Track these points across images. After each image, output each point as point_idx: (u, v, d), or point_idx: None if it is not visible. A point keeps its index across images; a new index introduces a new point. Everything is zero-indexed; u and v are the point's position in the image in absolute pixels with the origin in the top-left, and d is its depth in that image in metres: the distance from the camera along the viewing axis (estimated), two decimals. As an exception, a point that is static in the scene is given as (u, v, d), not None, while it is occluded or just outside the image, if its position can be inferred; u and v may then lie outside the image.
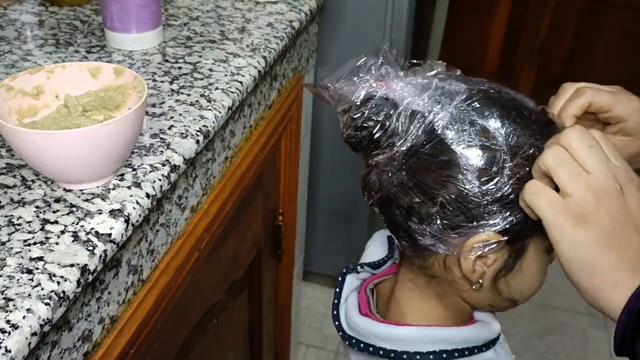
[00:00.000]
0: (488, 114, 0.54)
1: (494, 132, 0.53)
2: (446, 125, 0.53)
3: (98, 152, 0.53)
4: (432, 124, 0.54)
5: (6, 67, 0.78)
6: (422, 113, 0.54)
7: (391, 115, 0.55)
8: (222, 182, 0.82)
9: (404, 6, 1.33)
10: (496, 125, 0.53)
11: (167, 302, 0.71)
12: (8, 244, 0.51)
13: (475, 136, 0.53)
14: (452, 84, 0.56)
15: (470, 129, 0.53)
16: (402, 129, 0.55)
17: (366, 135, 0.57)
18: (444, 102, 0.55)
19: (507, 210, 0.52)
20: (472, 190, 0.52)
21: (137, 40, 0.84)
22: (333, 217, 1.66)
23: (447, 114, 0.54)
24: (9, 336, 0.43)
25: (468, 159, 0.52)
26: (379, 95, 0.56)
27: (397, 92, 0.56)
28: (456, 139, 0.53)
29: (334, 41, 1.40)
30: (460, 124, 0.53)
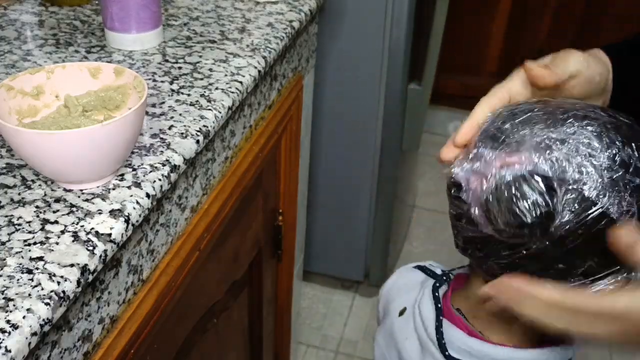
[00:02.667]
0: (633, 166, 0.50)
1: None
2: (602, 193, 0.49)
3: (98, 152, 0.53)
4: (585, 192, 0.49)
5: (6, 67, 0.78)
6: (569, 181, 0.49)
7: (552, 191, 0.49)
8: (222, 182, 0.82)
9: (404, 6, 1.33)
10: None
11: (167, 302, 0.71)
12: (8, 244, 0.51)
13: (632, 198, 0.49)
14: (573, 129, 0.51)
15: (624, 193, 0.49)
16: (560, 207, 0.49)
17: (537, 224, 0.50)
18: (585, 161, 0.49)
19: None
20: None
21: (137, 40, 0.84)
22: (333, 217, 1.66)
23: (597, 177, 0.49)
24: (9, 336, 0.43)
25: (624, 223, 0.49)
26: (525, 173, 0.50)
27: (531, 161, 0.50)
28: (614, 206, 0.49)
29: (334, 41, 1.40)
30: (614, 187, 0.49)
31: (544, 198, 0.49)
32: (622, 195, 0.49)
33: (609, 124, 0.51)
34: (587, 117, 0.52)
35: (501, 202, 0.51)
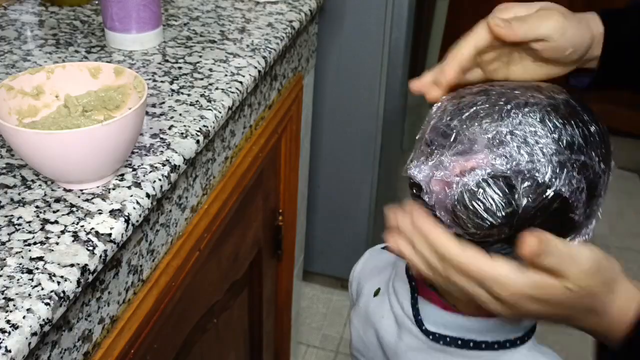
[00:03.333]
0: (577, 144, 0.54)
1: (592, 164, 0.54)
2: (553, 177, 0.52)
3: (98, 152, 0.53)
4: (538, 179, 0.52)
5: (6, 67, 0.78)
6: (524, 172, 0.52)
7: (512, 189, 0.52)
8: (222, 182, 0.82)
9: (404, 6, 1.33)
10: (590, 148, 0.54)
11: (167, 302, 0.71)
12: (8, 244, 0.51)
13: (580, 175, 0.53)
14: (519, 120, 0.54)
15: (573, 172, 0.53)
16: (519, 197, 0.52)
17: (508, 224, 0.53)
18: (538, 153, 0.53)
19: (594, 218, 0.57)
20: (579, 220, 0.55)
21: (137, 40, 0.84)
22: (333, 217, 1.66)
23: (546, 162, 0.52)
24: (9, 336, 0.43)
25: (579, 200, 0.53)
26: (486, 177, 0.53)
27: (488, 163, 0.53)
28: (566, 187, 0.52)
29: (334, 41, 1.40)
30: (563, 168, 0.53)
31: (507, 198, 0.52)
32: (571, 175, 0.53)
33: (549, 107, 0.55)
34: (527, 103, 0.55)
35: (468, 209, 0.53)
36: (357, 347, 0.78)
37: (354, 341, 0.78)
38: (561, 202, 0.53)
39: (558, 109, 0.55)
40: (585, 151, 0.54)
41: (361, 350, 0.77)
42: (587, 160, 0.54)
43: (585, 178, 0.53)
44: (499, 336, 0.63)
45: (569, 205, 0.53)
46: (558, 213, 0.53)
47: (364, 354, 0.77)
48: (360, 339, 0.76)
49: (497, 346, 0.63)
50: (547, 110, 0.54)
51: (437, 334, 0.65)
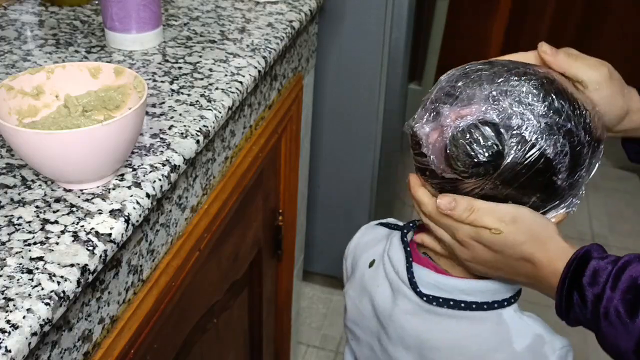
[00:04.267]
0: (565, 112, 0.59)
1: (577, 132, 0.59)
2: (540, 136, 0.57)
3: (98, 152, 0.53)
4: (526, 135, 0.57)
5: (6, 67, 0.78)
6: (514, 127, 0.58)
7: (500, 135, 0.58)
8: (222, 182, 0.82)
9: (404, 6, 1.33)
10: (577, 121, 0.59)
11: (167, 302, 0.71)
12: (8, 244, 0.51)
13: (565, 140, 0.58)
14: (516, 82, 0.59)
15: (559, 135, 0.58)
16: (507, 148, 0.58)
17: (492, 164, 0.58)
18: (525, 110, 0.58)
19: (579, 192, 0.63)
20: (562, 185, 0.60)
21: (137, 40, 0.84)
22: (333, 217, 1.66)
23: (535, 122, 0.57)
24: (9, 336, 0.43)
25: (562, 163, 0.58)
26: (477, 122, 0.58)
27: (487, 111, 0.59)
28: (551, 147, 0.58)
29: (334, 41, 1.40)
30: (550, 130, 0.58)
31: (493, 140, 0.57)
32: (556, 138, 0.58)
33: (545, 79, 0.60)
34: (526, 73, 0.60)
35: (458, 147, 0.58)
36: (352, 317, 0.81)
37: (349, 312, 0.81)
38: (545, 162, 0.58)
39: (553, 82, 0.60)
40: (572, 120, 0.58)
41: (356, 319, 0.80)
42: (573, 128, 0.58)
43: (569, 144, 0.58)
44: (488, 297, 0.68)
45: (552, 167, 0.58)
46: (542, 173, 0.58)
47: (358, 323, 0.80)
48: (356, 308, 0.79)
49: (486, 307, 0.68)
50: (543, 81, 0.60)
51: (430, 296, 0.69)
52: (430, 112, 0.62)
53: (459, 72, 0.63)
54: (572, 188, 0.62)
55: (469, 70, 0.63)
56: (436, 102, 0.62)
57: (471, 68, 0.63)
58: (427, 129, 0.62)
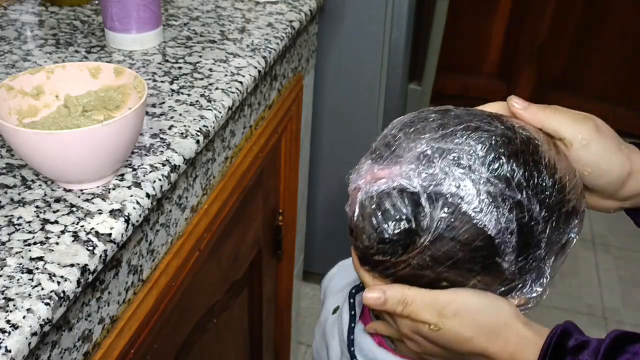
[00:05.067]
0: (516, 181, 0.48)
1: (529, 206, 0.48)
2: (478, 208, 0.47)
3: (98, 152, 0.53)
4: (461, 207, 0.47)
5: (6, 67, 0.78)
6: (446, 196, 0.48)
7: (419, 208, 0.48)
8: (222, 182, 0.82)
9: (404, 6, 1.33)
10: (532, 191, 0.48)
11: (167, 302, 0.71)
12: (8, 244, 0.51)
13: (511, 214, 0.48)
14: (460, 140, 0.49)
15: (503, 209, 0.47)
16: (429, 218, 0.48)
17: (401, 243, 0.49)
18: (464, 175, 0.48)
19: (541, 276, 0.52)
20: (510, 269, 0.49)
21: (137, 40, 0.84)
22: (333, 217, 1.66)
23: (474, 191, 0.47)
24: (9, 336, 0.43)
25: (506, 243, 0.48)
26: (390, 189, 0.49)
27: (409, 175, 0.49)
28: (492, 223, 0.47)
29: (334, 41, 1.40)
30: (493, 202, 0.47)
31: (406, 214, 0.48)
32: (500, 211, 0.47)
33: (501, 137, 0.49)
34: (479, 128, 0.50)
35: (365, 217, 0.50)
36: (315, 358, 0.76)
37: (313, 353, 0.77)
38: (485, 240, 0.47)
39: (511, 142, 0.49)
40: (524, 191, 0.48)
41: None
42: (524, 200, 0.48)
43: (517, 219, 0.47)
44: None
45: (494, 246, 0.48)
46: (481, 253, 0.48)
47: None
48: (317, 353, 0.74)
49: None
50: (496, 139, 0.49)
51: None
52: (365, 163, 0.54)
53: (409, 117, 0.54)
54: (525, 272, 0.50)
55: (416, 117, 0.53)
56: (374, 152, 0.53)
57: (420, 116, 0.53)
58: (353, 185, 0.53)
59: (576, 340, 0.47)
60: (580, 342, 0.47)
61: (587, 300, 1.78)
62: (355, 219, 0.51)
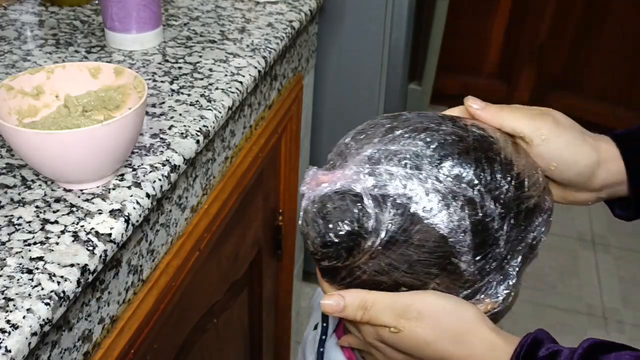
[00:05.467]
0: (467, 177, 0.47)
1: (482, 203, 0.47)
2: (428, 207, 0.46)
3: (98, 152, 0.53)
4: (410, 207, 0.46)
5: (6, 67, 0.78)
6: (393, 197, 0.46)
7: (362, 210, 0.47)
8: (222, 182, 0.82)
9: (404, 6, 1.33)
10: (485, 188, 0.47)
11: (167, 302, 0.71)
12: (8, 244, 0.51)
13: (463, 212, 0.46)
14: (408, 142, 0.48)
15: (455, 207, 0.46)
16: (378, 221, 0.46)
17: (344, 246, 0.47)
18: (412, 175, 0.46)
19: (507, 278, 0.50)
20: (469, 269, 0.48)
21: (137, 40, 0.84)
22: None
23: (422, 190, 0.46)
24: (9, 336, 0.43)
25: (460, 242, 0.46)
26: (332, 192, 0.48)
27: (352, 178, 0.48)
28: (444, 222, 0.46)
29: (334, 41, 1.40)
30: (442, 200, 0.46)
31: (348, 216, 0.47)
32: (451, 210, 0.46)
33: (450, 136, 0.48)
34: (428, 128, 0.48)
35: (308, 223, 0.49)
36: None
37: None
38: (438, 240, 0.46)
39: (462, 140, 0.48)
40: (475, 188, 0.46)
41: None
42: (477, 197, 0.46)
43: (470, 217, 0.46)
44: None
45: (448, 246, 0.46)
46: (437, 254, 0.46)
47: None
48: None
49: None
50: (446, 138, 0.48)
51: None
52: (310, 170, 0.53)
53: (362, 126, 0.53)
54: (487, 273, 0.48)
55: (369, 124, 0.52)
56: (328, 162, 0.53)
57: (372, 122, 0.52)
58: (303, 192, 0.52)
59: (548, 350, 0.45)
60: (552, 352, 0.45)
61: (587, 300, 1.78)
62: (300, 225, 0.50)
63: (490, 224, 0.47)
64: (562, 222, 2.00)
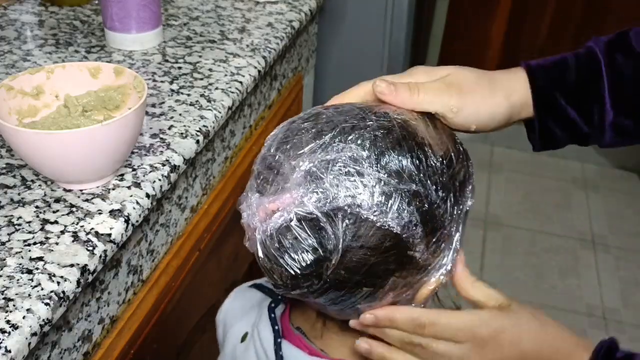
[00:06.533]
0: (407, 171, 0.47)
1: (426, 192, 0.48)
2: (378, 211, 0.46)
3: (98, 152, 0.53)
4: (361, 214, 0.46)
5: (6, 67, 0.78)
6: (344, 208, 0.46)
7: (321, 232, 0.46)
8: (222, 182, 0.82)
9: (404, 6, 1.33)
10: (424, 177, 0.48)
11: (167, 302, 0.71)
12: (8, 244, 0.51)
13: (411, 206, 0.47)
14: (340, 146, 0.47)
15: (402, 203, 0.46)
16: (336, 237, 0.46)
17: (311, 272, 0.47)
18: (355, 182, 0.46)
19: (451, 251, 0.51)
20: (423, 257, 0.49)
21: (137, 40, 0.84)
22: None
23: (368, 194, 0.46)
24: (9, 336, 0.43)
25: (413, 235, 0.47)
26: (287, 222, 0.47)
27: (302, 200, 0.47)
28: (395, 220, 0.46)
29: (334, 41, 1.40)
30: (389, 200, 0.46)
31: (311, 244, 0.46)
32: (400, 207, 0.46)
33: (379, 130, 0.48)
34: (355, 127, 0.48)
35: (270, 259, 0.48)
36: None
37: None
38: (393, 238, 0.47)
39: (390, 132, 0.48)
40: (417, 179, 0.47)
41: None
42: (420, 189, 0.47)
43: (417, 209, 0.47)
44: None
45: (403, 242, 0.47)
46: (394, 252, 0.47)
47: None
48: None
49: None
50: (376, 134, 0.48)
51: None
52: (253, 191, 0.51)
53: (282, 132, 0.51)
54: (438, 254, 0.50)
55: (290, 130, 0.51)
56: (258, 177, 0.51)
57: (294, 126, 0.51)
58: (246, 220, 0.51)
59: (623, 353, 0.49)
60: (627, 354, 0.48)
61: (587, 300, 1.78)
62: (261, 260, 0.49)
63: (437, 210, 0.48)
64: (562, 222, 2.00)
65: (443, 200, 0.49)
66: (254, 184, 0.51)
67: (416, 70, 0.56)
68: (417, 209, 0.47)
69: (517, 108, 0.56)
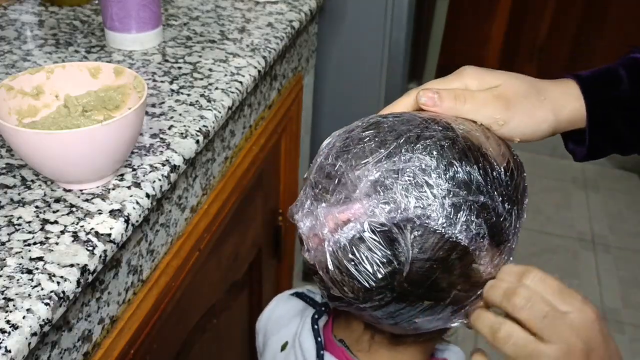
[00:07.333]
0: (475, 182, 0.47)
1: (493, 205, 0.47)
2: (447, 223, 0.46)
3: (98, 152, 0.53)
4: (430, 226, 0.45)
5: (6, 67, 0.78)
6: (413, 219, 0.46)
7: (393, 243, 0.46)
8: (222, 182, 0.82)
9: (404, 6, 1.33)
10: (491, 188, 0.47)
11: (167, 302, 0.71)
12: (8, 244, 0.51)
13: (479, 218, 0.46)
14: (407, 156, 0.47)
15: (470, 215, 0.46)
16: (407, 249, 0.46)
17: (387, 286, 0.47)
18: (424, 193, 0.46)
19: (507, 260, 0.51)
20: (487, 270, 0.48)
21: (137, 40, 0.84)
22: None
23: (438, 206, 0.45)
24: (9, 336, 0.43)
25: (478, 248, 0.47)
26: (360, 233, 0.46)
27: (374, 211, 0.46)
28: (462, 233, 0.46)
29: (334, 41, 1.40)
30: (458, 212, 0.46)
31: (385, 255, 0.46)
32: (468, 219, 0.46)
33: (444, 140, 0.47)
34: (420, 137, 0.47)
35: (342, 271, 0.47)
36: None
37: None
38: (460, 251, 0.46)
39: (455, 142, 0.47)
40: (485, 190, 0.47)
41: None
42: (488, 200, 0.47)
43: (485, 222, 0.46)
44: None
45: (469, 255, 0.46)
46: (459, 264, 0.47)
47: None
48: None
49: None
50: (442, 144, 0.47)
51: None
52: (310, 200, 0.50)
53: (341, 140, 0.50)
54: (500, 267, 0.49)
55: (350, 138, 0.50)
56: (316, 186, 0.50)
57: (352, 137, 0.50)
58: (307, 224, 0.50)
59: None
60: None
61: (587, 300, 1.78)
62: (331, 273, 0.48)
63: (503, 223, 0.48)
64: (562, 222, 2.00)
65: (509, 213, 0.48)
66: (310, 193, 0.50)
67: (466, 72, 0.54)
68: (485, 221, 0.46)
69: (564, 124, 0.55)
